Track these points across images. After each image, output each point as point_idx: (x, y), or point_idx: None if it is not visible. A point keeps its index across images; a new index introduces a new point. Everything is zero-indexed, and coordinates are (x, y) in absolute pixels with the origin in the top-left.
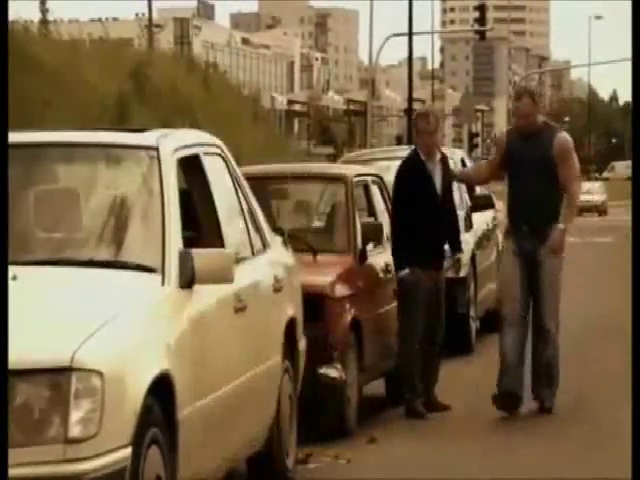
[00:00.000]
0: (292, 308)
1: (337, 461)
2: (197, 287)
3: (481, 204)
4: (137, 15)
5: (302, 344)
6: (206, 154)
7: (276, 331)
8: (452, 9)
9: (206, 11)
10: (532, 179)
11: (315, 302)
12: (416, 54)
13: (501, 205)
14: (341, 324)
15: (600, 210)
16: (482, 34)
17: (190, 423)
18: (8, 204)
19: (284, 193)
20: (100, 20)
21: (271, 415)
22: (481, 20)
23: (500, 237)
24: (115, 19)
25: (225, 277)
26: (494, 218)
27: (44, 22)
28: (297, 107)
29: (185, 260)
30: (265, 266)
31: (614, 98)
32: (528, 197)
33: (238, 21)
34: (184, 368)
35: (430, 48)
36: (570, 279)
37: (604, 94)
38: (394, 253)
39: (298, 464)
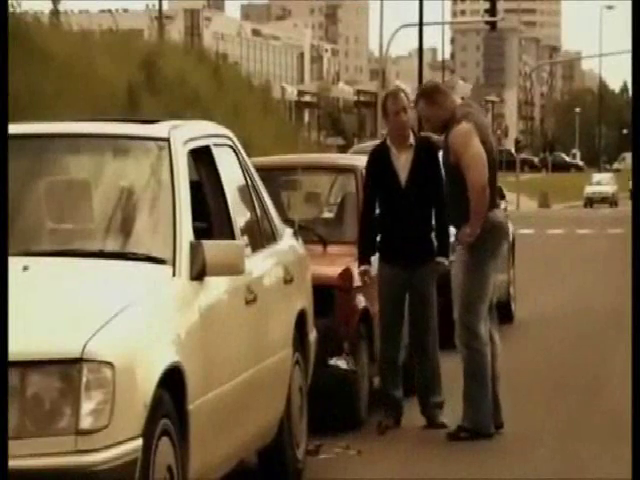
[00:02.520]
0: (303, 300)
1: (348, 452)
2: (208, 278)
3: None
4: (147, 6)
5: (313, 336)
6: (217, 145)
7: (287, 323)
8: None
9: (216, 2)
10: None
11: (325, 293)
12: (426, 45)
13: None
14: (351, 315)
15: (611, 201)
16: (493, 25)
17: (201, 414)
18: (8, 201)
19: (294, 184)
20: (110, 11)
21: (281, 407)
22: (492, 11)
23: (511, 229)
24: (125, 10)
25: (236, 269)
26: (504, 209)
27: (55, 13)
28: (307, 98)
29: (196, 251)
30: (275, 257)
31: (625, 89)
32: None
33: (249, 12)
34: (195, 360)
35: (440, 39)
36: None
37: (615, 85)
38: (357, 246)
39: (309, 455)
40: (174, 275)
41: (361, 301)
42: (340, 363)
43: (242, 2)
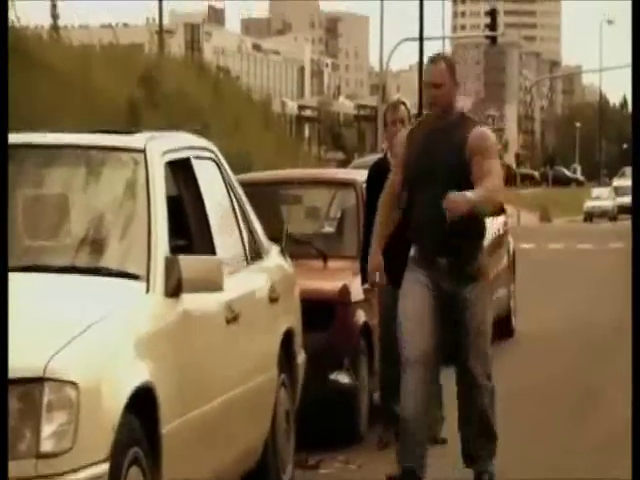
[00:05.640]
0: (289, 319)
1: (348, 466)
2: (185, 296)
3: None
4: (148, 21)
5: (301, 357)
6: (197, 158)
7: (271, 343)
8: (463, 14)
9: (217, 16)
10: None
11: (325, 308)
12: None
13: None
14: (351, 330)
15: (610, 216)
16: (493, 39)
17: (175, 438)
18: (7, 205)
19: (294, 198)
20: (111, 26)
21: (266, 430)
22: (492, 25)
23: (512, 242)
24: (125, 25)
25: (214, 285)
26: (505, 224)
27: (55, 28)
28: (308, 112)
29: (171, 267)
30: (260, 275)
31: (625, 104)
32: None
33: (249, 26)
34: (169, 380)
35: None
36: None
37: (615, 99)
38: (360, 261)
39: (309, 469)
40: (148, 291)
41: (361, 316)
42: (340, 378)
43: (242, 16)
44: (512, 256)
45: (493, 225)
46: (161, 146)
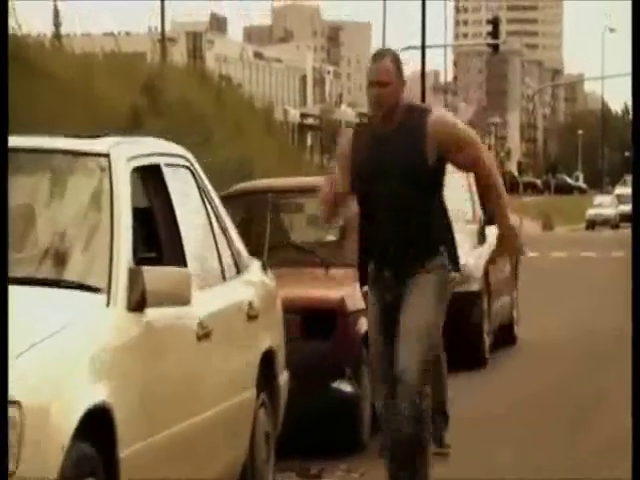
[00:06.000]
0: (270, 338)
1: (350, 475)
2: (151, 310)
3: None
4: (150, 29)
5: (283, 377)
6: (169, 165)
7: (249, 362)
8: (465, 22)
9: (219, 25)
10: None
11: (327, 317)
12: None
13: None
14: (353, 339)
15: (613, 224)
16: (495, 47)
17: (137, 463)
18: (7, 208)
19: (296, 207)
20: (113, 34)
21: (243, 452)
22: (494, 33)
23: None
24: (128, 33)
25: (180, 298)
26: None
27: (57, 36)
28: (310, 120)
29: (135, 279)
30: (237, 291)
31: (627, 111)
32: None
33: (251, 34)
34: (129, 400)
35: (443, 61)
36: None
37: (617, 107)
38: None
39: (311, 479)
40: (108, 304)
41: (363, 324)
42: (342, 386)
43: (244, 25)
44: (515, 264)
45: (495, 233)
46: (127, 151)
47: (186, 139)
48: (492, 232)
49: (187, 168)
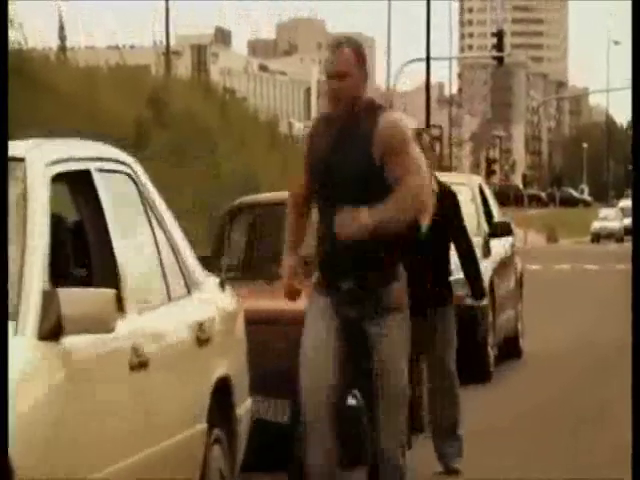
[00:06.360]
0: (226, 364)
1: None
2: (71, 338)
3: (499, 231)
4: (154, 42)
5: (244, 407)
6: (102, 171)
7: (198, 393)
8: (470, 35)
9: (223, 38)
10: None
11: None
12: (434, 79)
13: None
14: None
15: (617, 237)
16: (500, 60)
17: None
18: (7, 213)
19: None
20: (117, 47)
21: None
22: (499, 46)
23: (519, 264)
24: (132, 46)
25: (102, 325)
26: (512, 245)
27: (62, 49)
28: None
29: (49, 303)
30: (185, 313)
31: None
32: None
33: (256, 47)
34: (40, 443)
35: (448, 73)
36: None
37: (622, 120)
38: None
39: None
40: (16, 333)
41: None
42: (349, 401)
43: (249, 38)
44: (520, 277)
45: (500, 247)
46: (48, 155)
47: (190, 151)
48: (496, 245)
49: (126, 174)
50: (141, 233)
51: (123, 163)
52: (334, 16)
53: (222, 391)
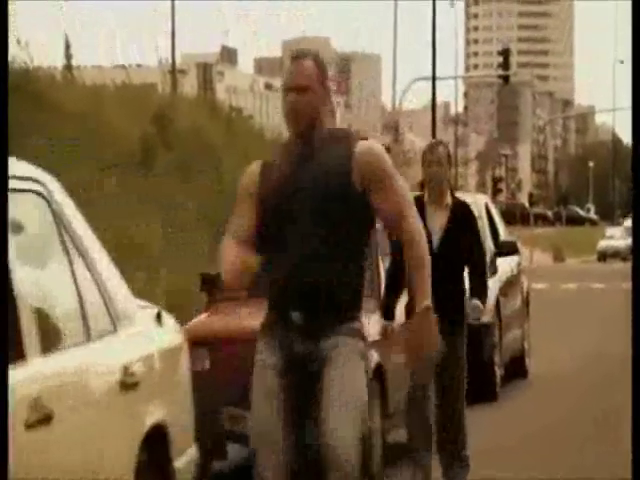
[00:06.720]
0: (161, 410)
1: None
2: None
3: (506, 250)
4: (160, 61)
5: (184, 458)
6: (10, 191)
7: (122, 447)
8: (476, 54)
9: (229, 56)
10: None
11: None
12: (440, 98)
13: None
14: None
15: (623, 256)
16: (506, 78)
17: None
18: (7, 217)
19: None
20: (124, 66)
21: None
22: (505, 64)
23: (526, 283)
24: (138, 65)
25: None
26: (519, 264)
27: (69, 68)
28: None
29: None
30: (106, 354)
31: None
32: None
33: (262, 66)
34: None
35: (454, 92)
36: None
37: (628, 139)
38: (381, 302)
39: None
40: None
41: (374, 357)
42: None
43: (255, 56)
44: (526, 296)
45: (506, 265)
46: None
47: (196, 170)
48: (503, 264)
49: (39, 194)
50: (54, 262)
51: (37, 181)
52: (340, 34)
53: (156, 441)
